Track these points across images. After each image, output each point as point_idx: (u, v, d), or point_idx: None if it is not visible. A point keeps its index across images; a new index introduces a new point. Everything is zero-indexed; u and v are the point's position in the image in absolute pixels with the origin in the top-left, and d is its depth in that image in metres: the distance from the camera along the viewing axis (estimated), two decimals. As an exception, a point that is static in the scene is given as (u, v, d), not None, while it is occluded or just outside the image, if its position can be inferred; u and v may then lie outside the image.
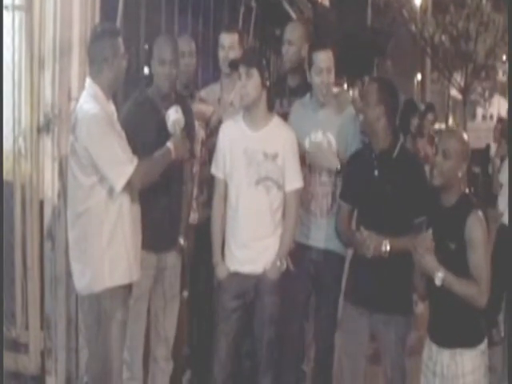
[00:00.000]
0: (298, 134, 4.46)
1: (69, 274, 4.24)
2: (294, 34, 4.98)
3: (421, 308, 4.10)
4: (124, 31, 4.87)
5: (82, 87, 4.08)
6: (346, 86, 8.29)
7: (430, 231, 3.63)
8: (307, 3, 10.12)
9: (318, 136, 4.56)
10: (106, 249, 3.85)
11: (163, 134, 4.08)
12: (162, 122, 4.11)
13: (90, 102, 3.83)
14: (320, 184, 4.57)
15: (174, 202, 4.44)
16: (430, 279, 3.65)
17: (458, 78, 25.12)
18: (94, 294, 3.89)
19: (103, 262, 3.86)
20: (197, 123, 4.78)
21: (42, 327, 4.76)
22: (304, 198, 4.53)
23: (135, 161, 3.79)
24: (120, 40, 3.93)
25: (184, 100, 4.55)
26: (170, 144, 3.99)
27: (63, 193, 4.51)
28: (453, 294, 3.58)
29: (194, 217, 4.83)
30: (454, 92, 28.75)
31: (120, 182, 3.76)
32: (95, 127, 3.75)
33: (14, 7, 4.59)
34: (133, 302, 4.18)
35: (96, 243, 3.85)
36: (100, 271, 3.87)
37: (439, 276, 3.56)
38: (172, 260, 4.48)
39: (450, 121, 29.84)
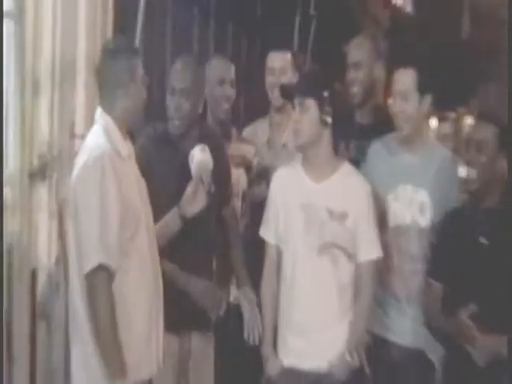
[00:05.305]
0: (378, 186, 3.91)
1: (68, 364, 3.61)
2: (360, 53, 4.41)
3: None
4: (144, 49, 4.67)
5: (89, 121, 3.74)
6: (435, 120, 7.55)
7: None
8: (383, 10, 9.33)
9: (406, 192, 3.94)
10: None
11: (185, 177, 3.70)
12: (183, 164, 3.73)
13: (100, 137, 3.35)
14: (409, 259, 3.94)
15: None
16: None
17: None
18: None
19: None
20: (235, 170, 4.34)
21: None
22: (385, 275, 3.94)
23: (114, 263, 3.17)
24: (139, 60, 3.52)
25: (212, 137, 4.05)
26: (176, 209, 3.65)
27: (63, 258, 3.94)
28: None
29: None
30: None
31: (85, 266, 3.21)
32: (92, 179, 3.26)
33: (2, 14, 3.96)
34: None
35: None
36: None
37: None
38: (198, 343, 3.91)
39: None
